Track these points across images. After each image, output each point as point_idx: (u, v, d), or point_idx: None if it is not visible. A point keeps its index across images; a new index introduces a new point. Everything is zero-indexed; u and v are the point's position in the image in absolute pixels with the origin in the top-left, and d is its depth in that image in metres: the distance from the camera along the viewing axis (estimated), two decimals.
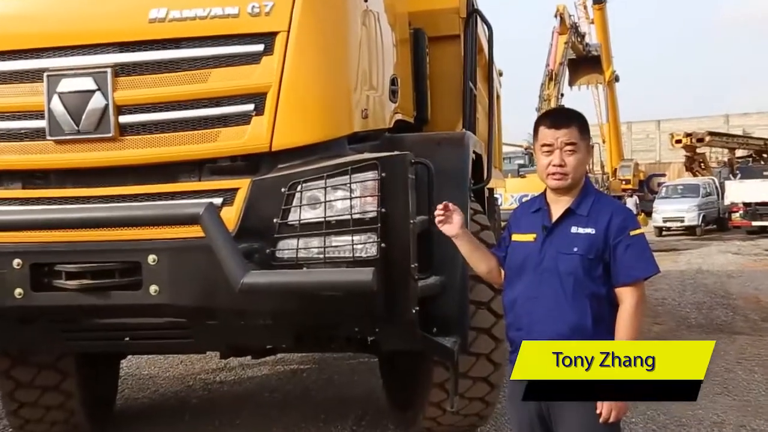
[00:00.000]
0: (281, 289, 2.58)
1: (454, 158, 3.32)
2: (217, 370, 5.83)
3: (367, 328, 2.96)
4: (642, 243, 2.20)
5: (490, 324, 3.39)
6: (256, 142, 2.72)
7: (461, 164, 3.30)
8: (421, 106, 4.03)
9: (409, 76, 3.92)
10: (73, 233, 2.71)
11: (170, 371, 5.82)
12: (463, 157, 3.34)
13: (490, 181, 3.86)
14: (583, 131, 2.26)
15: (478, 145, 3.97)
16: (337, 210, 2.63)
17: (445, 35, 4.36)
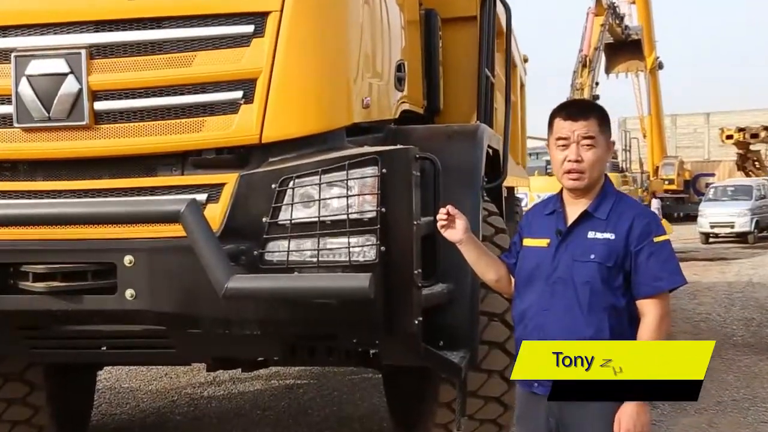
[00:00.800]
0: (270, 296, 2.61)
1: (466, 153, 3.33)
2: (205, 384, 5.87)
3: (366, 340, 2.97)
4: (667, 250, 2.21)
5: (503, 338, 3.39)
6: (244, 133, 2.75)
7: (473, 160, 3.31)
8: (432, 95, 4.05)
9: (419, 61, 3.94)
10: (42, 230, 2.74)
11: (153, 385, 5.87)
12: (476, 152, 3.35)
13: (505, 178, 3.86)
14: (603, 125, 2.27)
15: (495, 139, 3.98)
16: (332, 209, 2.66)
17: (460, 16, 4.38)
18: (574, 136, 2.24)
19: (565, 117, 2.26)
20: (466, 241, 2.41)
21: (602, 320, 2.18)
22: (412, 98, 3.76)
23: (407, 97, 3.66)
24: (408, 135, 3.36)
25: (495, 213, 3.70)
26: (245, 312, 2.69)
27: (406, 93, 3.61)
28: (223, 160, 2.77)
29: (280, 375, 6.06)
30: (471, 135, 3.46)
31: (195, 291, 2.66)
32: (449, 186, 3.05)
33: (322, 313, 2.67)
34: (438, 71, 4.10)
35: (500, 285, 2.48)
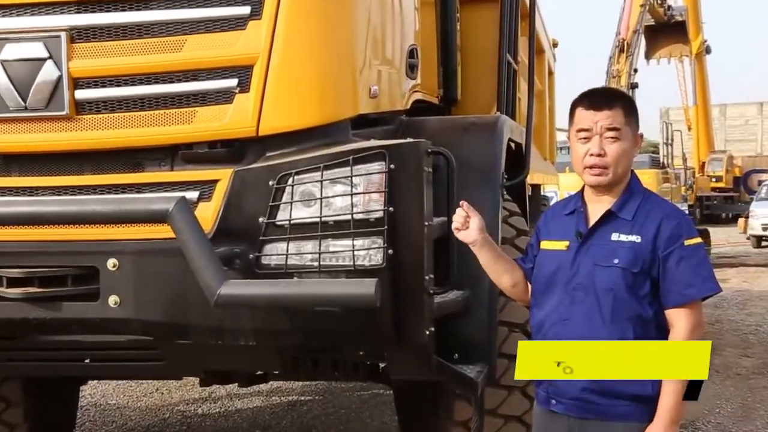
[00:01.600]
0: (266, 303, 2.62)
1: (484, 147, 3.34)
2: (200, 400, 5.91)
3: (373, 352, 2.99)
4: (699, 255, 2.21)
5: None
6: (239, 125, 2.76)
7: (492, 155, 3.32)
8: (448, 83, 4.06)
9: (434, 46, 3.94)
10: (17, 231, 2.77)
11: (142, 401, 5.92)
12: (495, 145, 3.35)
13: (527, 174, 3.86)
14: (629, 115, 2.27)
15: (517, 132, 3.98)
16: (335, 208, 2.67)
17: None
18: (597, 128, 2.24)
19: (588, 106, 2.26)
20: (481, 242, 2.42)
21: (626, 331, 2.18)
22: (425, 87, 3.77)
23: (420, 86, 3.67)
24: (420, 127, 3.37)
25: (516, 213, 3.70)
26: (240, 321, 2.71)
27: (418, 81, 3.62)
28: (216, 154, 2.79)
29: (281, 390, 6.09)
30: (490, 127, 3.46)
31: (184, 298, 2.68)
32: (465, 183, 3.05)
33: (324, 323, 2.69)
34: (455, 57, 4.10)
35: (516, 292, 2.49)
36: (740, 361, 7.13)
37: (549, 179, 6.93)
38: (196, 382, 5.54)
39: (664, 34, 24.74)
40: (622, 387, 2.19)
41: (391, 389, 4.30)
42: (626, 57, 20.86)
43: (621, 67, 20.62)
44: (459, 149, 3.17)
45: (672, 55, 26.12)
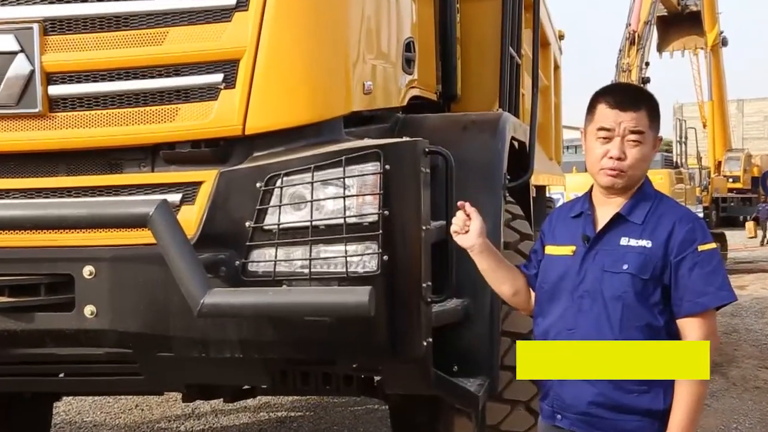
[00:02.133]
0: (253, 313, 2.63)
1: (485, 146, 3.35)
2: (182, 417, 5.91)
3: (367, 365, 3.00)
4: (714, 261, 2.22)
5: None
6: (225, 124, 2.77)
7: (493, 154, 3.33)
8: (447, 79, 4.07)
9: (433, 40, 3.96)
10: None
11: (121, 418, 5.91)
12: (497, 144, 3.37)
13: (531, 175, 3.88)
14: (654, 119, 2.28)
15: (521, 130, 4.00)
16: (327, 212, 2.68)
17: None
18: (620, 129, 2.24)
19: (613, 104, 2.26)
20: (480, 247, 2.43)
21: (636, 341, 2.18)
22: (423, 82, 3.78)
23: (418, 82, 3.68)
24: (418, 125, 3.38)
25: (520, 216, 3.71)
26: (225, 332, 2.71)
27: (416, 76, 3.63)
28: (199, 154, 2.80)
29: (269, 406, 6.09)
30: (491, 125, 3.48)
31: (166, 307, 2.68)
32: (465, 184, 3.07)
33: (315, 334, 2.69)
34: (455, 51, 4.11)
35: (518, 300, 2.50)
36: (759, 374, 7.15)
37: (555, 180, 6.95)
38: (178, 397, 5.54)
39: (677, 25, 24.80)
40: (632, 401, 2.20)
41: (386, 404, 4.31)
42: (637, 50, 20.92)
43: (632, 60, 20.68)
44: (458, 148, 3.18)
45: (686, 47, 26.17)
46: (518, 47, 4.58)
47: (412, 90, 3.62)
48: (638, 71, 20.58)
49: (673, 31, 24.91)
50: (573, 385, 2.25)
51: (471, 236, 2.43)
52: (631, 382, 2.19)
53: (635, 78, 20.19)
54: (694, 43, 25.82)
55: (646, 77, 21.01)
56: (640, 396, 2.20)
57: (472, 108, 4.17)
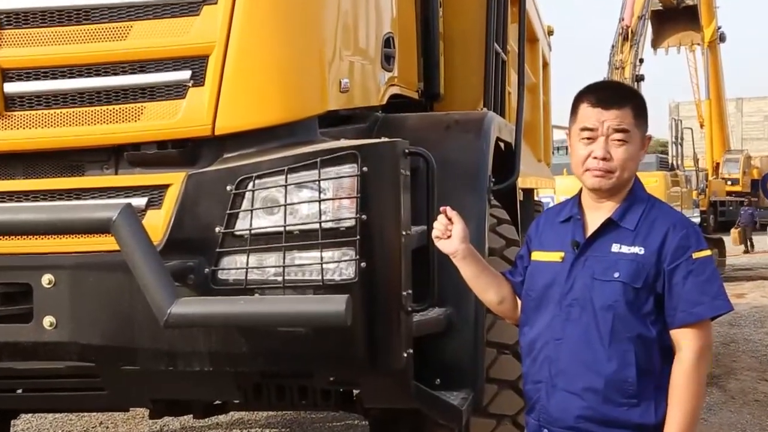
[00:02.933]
0: (224, 323, 2.63)
1: (469, 147, 3.37)
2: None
3: (345, 378, 3.00)
4: (709, 269, 2.24)
5: (516, 374, 3.41)
6: (193, 123, 2.77)
7: (477, 155, 3.36)
8: (429, 76, 4.10)
9: (414, 35, 3.98)
10: None
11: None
12: (481, 145, 3.39)
13: (517, 177, 3.90)
14: (639, 116, 2.30)
15: (506, 130, 4.02)
16: (301, 216, 2.68)
17: None
18: (604, 128, 2.26)
19: (594, 103, 2.29)
20: (463, 253, 2.45)
21: (627, 353, 2.21)
22: (404, 80, 3.80)
23: (398, 79, 3.70)
24: (398, 125, 3.40)
25: (506, 221, 3.73)
26: (194, 343, 2.71)
27: (396, 74, 3.65)
28: (166, 156, 2.80)
29: (242, 422, 6.08)
30: (475, 125, 3.50)
31: (131, 318, 2.68)
32: (447, 187, 3.09)
33: (289, 345, 2.70)
34: (437, 47, 4.14)
35: (504, 308, 2.52)
36: (758, 386, 7.19)
37: (543, 183, 6.99)
38: (145, 413, 5.52)
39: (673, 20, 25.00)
40: (622, 414, 2.21)
41: (366, 419, 4.31)
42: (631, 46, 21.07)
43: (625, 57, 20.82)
44: (441, 149, 3.20)
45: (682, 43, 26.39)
46: (504, 43, 4.61)
47: (392, 88, 3.64)
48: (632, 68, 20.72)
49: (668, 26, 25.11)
50: (560, 398, 2.26)
51: (453, 241, 2.44)
52: (622, 395, 2.21)
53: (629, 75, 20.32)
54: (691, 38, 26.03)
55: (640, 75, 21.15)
56: (630, 409, 2.21)
57: (456, 107, 4.19)
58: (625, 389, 2.21)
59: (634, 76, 20.62)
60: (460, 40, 4.40)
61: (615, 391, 2.21)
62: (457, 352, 3.14)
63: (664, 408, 2.22)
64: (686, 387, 2.19)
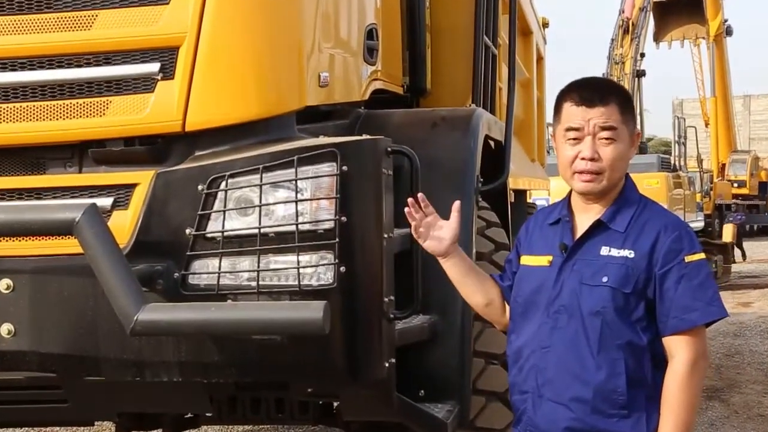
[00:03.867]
0: (194, 331, 2.64)
1: (455, 146, 3.40)
2: None
3: (324, 390, 3.02)
4: (702, 273, 2.26)
5: (505, 386, 3.41)
6: (162, 119, 2.79)
7: (465, 154, 3.38)
8: (415, 70, 4.11)
9: (398, 26, 4.00)
10: None
11: None
12: (468, 143, 3.41)
13: (506, 177, 3.92)
14: (626, 112, 2.32)
15: (496, 128, 4.04)
16: (277, 218, 2.70)
17: None
18: (589, 127, 2.28)
19: (578, 101, 2.31)
20: (452, 254, 2.46)
21: (616, 361, 2.23)
22: (388, 74, 3.82)
23: (381, 73, 3.72)
24: (381, 122, 3.42)
25: (495, 224, 3.75)
26: (162, 353, 2.72)
27: (379, 67, 3.67)
28: (133, 153, 2.81)
29: None
30: (463, 122, 3.52)
31: (95, 326, 2.69)
32: (433, 188, 3.09)
33: (265, 354, 2.71)
34: (423, 39, 4.16)
35: (491, 312, 2.53)
36: (764, 400, 7.22)
37: (537, 184, 7.01)
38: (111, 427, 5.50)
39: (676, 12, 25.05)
40: (611, 426, 2.23)
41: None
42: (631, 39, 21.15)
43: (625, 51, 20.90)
44: (426, 148, 3.22)
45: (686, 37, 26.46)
46: (494, 36, 4.63)
47: (375, 82, 3.66)
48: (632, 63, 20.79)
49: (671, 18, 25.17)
50: (547, 409, 2.28)
51: (444, 242, 2.45)
52: (611, 406, 2.23)
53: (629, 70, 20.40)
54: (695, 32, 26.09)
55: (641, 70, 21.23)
56: (620, 421, 2.23)
57: (443, 103, 4.22)
58: (614, 399, 2.23)
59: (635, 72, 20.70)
60: (448, 32, 4.42)
61: (604, 402, 2.23)
62: (443, 362, 3.16)
63: (656, 420, 2.23)
64: (679, 398, 2.21)
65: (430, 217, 2.48)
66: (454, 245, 2.47)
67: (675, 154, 19.86)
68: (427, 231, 2.47)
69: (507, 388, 3.40)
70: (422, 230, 2.47)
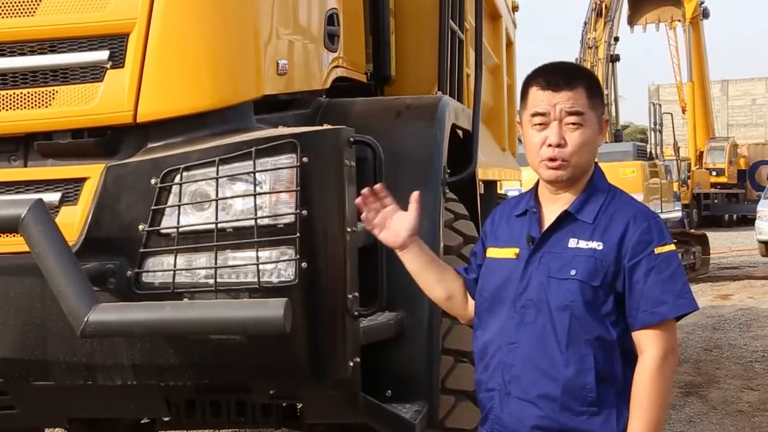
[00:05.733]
0: (148, 331, 2.64)
1: (421, 135, 3.42)
2: None
3: (286, 391, 3.03)
4: (672, 265, 2.29)
5: None
6: (112, 109, 2.78)
7: (431, 144, 3.40)
8: (379, 57, 4.13)
9: (361, 11, 4.01)
10: None
11: None
12: (434, 132, 3.43)
13: (474, 168, 3.95)
14: (594, 96, 2.36)
15: (464, 116, 4.07)
16: (235, 212, 2.70)
17: None
18: (556, 112, 2.31)
19: (544, 86, 2.34)
20: (410, 246, 2.47)
21: (586, 357, 2.26)
22: (350, 61, 3.83)
23: (343, 60, 3.73)
24: (343, 111, 3.43)
25: (463, 216, 3.78)
26: (115, 355, 2.72)
27: (341, 54, 3.68)
28: (82, 146, 2.80)
29: None
30: (429, 110, 3.54)
31: (43, 327, 2.68)
32: (398, 179, 3.12)
33: (223, 355, 2.72)
34: (387, 24, 4.17)
35: (453, 305, 2.55)
36: (743, 395, 7.31)
37: (508, 174, 7.03)
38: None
39: None
40: (581, 424, 2.25)
41: None
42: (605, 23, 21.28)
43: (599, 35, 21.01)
44: (390, 138, 3.24)
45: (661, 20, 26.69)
46: (461, 20, 4.65)
47: (337, 70, 3.67)
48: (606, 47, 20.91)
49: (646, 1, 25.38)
50: (514, 407, 2.30)
51: (401, 234, 2.47)
52: (580, 403, 2.26)
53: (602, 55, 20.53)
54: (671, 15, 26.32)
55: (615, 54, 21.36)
56: (589, 418, 2.26)
57: (408, 91, 4.23)
58: (583, 396, 2.25)
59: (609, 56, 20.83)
60: (413, 16, 4.43)
61: (573, 399, 2.25)
62: (410, 361, 3.18)
63: (627, 417, 2.26)
64: (649, 394, 2.24)
65: (389, 208, 2.49)
66: (413, 237, 2.49)
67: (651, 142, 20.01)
68: (383, 222, 2.48)
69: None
70: (377, 221, 2.48)
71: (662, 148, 20.42)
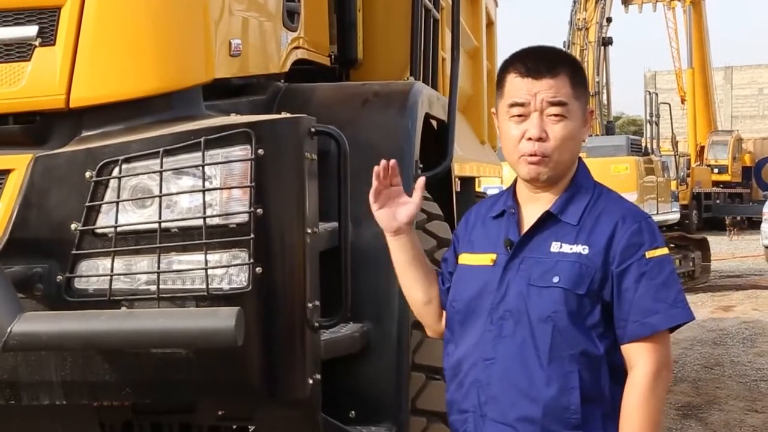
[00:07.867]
0: (81, 345, 2.63)
1: (390, 126, 3.43)
2: None
3: (237, 412, 3.03)
4: (665, 270, 2.30)
5: None
6: (41, 93, 2.78)
7: (401, 136, 3.41)
8: (345, 38, 4.13)
9: None
10: None
11: None
12: (406, 123, 3.44)
13: (450, 162, 3.96)
14: (577, 84, 2.36)
15: (438, 105, 4.08)
16: (181, 210, 2.71)
17: None
18: (536, 102, 2.32)
19: (524, 73, 2.34)
20: (403, 234, 2.46)
21: (569, 374, 2.26)
22: (312, 42, 3.83)
23: (305, 41, 3.74)
24: (304, 98, 3.44)
25: (437, 216, 3.79)
26: (43, 370, 2.71)
27: (302, 34, 3.69)
28: (6, 133, 2.80)
29: None
30: (399, 98, 3.55)
31: None
32: (363, 175, 3.10)
33: (166, 371, 2.71)
34: (354, 1, 4.17)
35: (428, 312, 2.53)
36: (746, 418, 7.36)
37: (487, 170, 7.07)
38: None
39: None
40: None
41: None
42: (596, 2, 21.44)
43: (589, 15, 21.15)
44: (356, 128, 3.25)
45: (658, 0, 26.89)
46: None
47: (297, 51, 3.67)
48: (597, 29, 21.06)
49: None
50: (491, 430, 2.29)
51: (398, 218, 2.45)
52: (563, 426, 2.21)
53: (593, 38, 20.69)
54: None
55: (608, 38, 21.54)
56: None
57: (376, 75, 4.24)
58: (567, 418, 2.26)
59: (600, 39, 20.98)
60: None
61: (555, 421, 2.25)
62: (377, 378, 3.18)
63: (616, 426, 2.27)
64: (640, 414, 2.24)
65: (394, 189, 2.48)
66: (408, 226, 2.49)
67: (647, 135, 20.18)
68: (384, 202, 2.47)
69: None
70: (381, 199, 2.46)
71: (659, 142, 20.61)
